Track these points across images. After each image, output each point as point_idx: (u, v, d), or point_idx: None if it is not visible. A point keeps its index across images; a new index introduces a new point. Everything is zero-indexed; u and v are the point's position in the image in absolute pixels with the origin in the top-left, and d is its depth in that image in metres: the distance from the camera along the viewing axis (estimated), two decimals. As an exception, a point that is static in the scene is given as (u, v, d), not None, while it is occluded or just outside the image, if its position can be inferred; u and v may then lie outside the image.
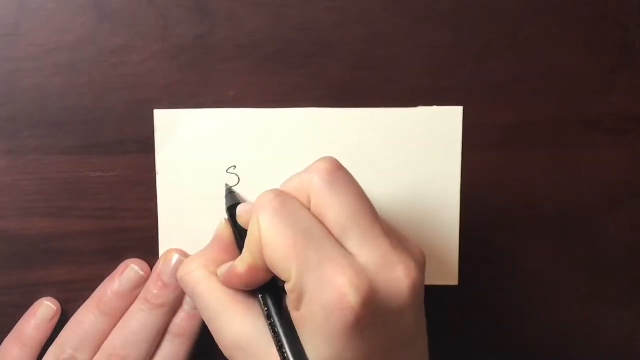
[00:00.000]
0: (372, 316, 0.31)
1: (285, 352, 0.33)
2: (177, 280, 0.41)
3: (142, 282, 0.41)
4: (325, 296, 0.31)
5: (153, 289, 0.41)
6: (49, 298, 0.42)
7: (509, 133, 0.43)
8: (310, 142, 0.42)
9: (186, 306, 0.41)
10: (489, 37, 0.42)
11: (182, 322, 0.41)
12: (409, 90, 0.42)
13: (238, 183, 0.42)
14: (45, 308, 0.41)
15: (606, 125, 0.43)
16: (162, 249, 0.42)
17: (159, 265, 0.41)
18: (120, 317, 0.41)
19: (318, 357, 0.32)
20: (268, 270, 0.34)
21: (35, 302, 0.42)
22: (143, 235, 0.42)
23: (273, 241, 0.32)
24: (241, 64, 0.41)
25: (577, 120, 0.43)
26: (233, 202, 0.40)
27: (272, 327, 0.34)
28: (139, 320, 0.40)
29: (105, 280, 0.42)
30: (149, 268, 0.42)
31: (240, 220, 0.38)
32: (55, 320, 0.41)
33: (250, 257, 0.34)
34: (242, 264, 0.35)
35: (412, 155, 0.42)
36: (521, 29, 0.42)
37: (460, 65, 0.42)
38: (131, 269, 0.41)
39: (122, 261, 0.42)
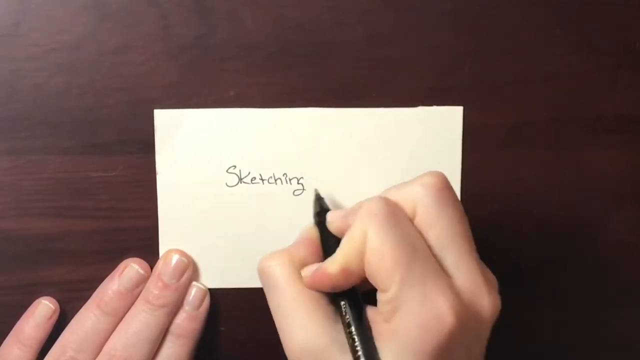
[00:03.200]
0: (461, 339, 0.32)
1: None
2: (177, 281, 0.41)
3: (142, 281, 0.41)
4: (424, 314, 0.31)
5: (154, 289, 0.41)
6: (47, 297, 0.42)
7: (509, 133, 0.43)
8: (310, 142, 0.42)
9: (187, 307, 0.41)
10: (489, 37, 0.42)
11: (183, 322, 0.41)
12: (409, 90, 0.42)
13: (238, 183, 0.42)
14: (44, 307, 0.41)
15: (606, 125, 0.43)
16: (162, 249, 0.42)
17: (159, 265, 0.41)
18: (122, 317, 0.41)
19: None
20: (359, 276, 0.33)
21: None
22: (143, 235, 0.42)
23: (379, 249, 0.32)
24: (241, 64, 0.41)
25: (577, 120, 0.43)
26: (321, 209, 0.39)
27: (351, 335, 0.33)
28: (140, 321, 0.40)
29: (105, 280, 0.41)
30: (148, 267, 0.41)
31: (332, 226, 0.37)
32: (54, 319, 0.41)
33: (345, 260, 0.34)
34: (333, 265, 0.34)
35: (412, 155, 0.42)
36: (521, 29, 0.42)
37: (460, 65, 0.42)
38: (131, 267, 0.41)
39: (122, 261, 0.42)
